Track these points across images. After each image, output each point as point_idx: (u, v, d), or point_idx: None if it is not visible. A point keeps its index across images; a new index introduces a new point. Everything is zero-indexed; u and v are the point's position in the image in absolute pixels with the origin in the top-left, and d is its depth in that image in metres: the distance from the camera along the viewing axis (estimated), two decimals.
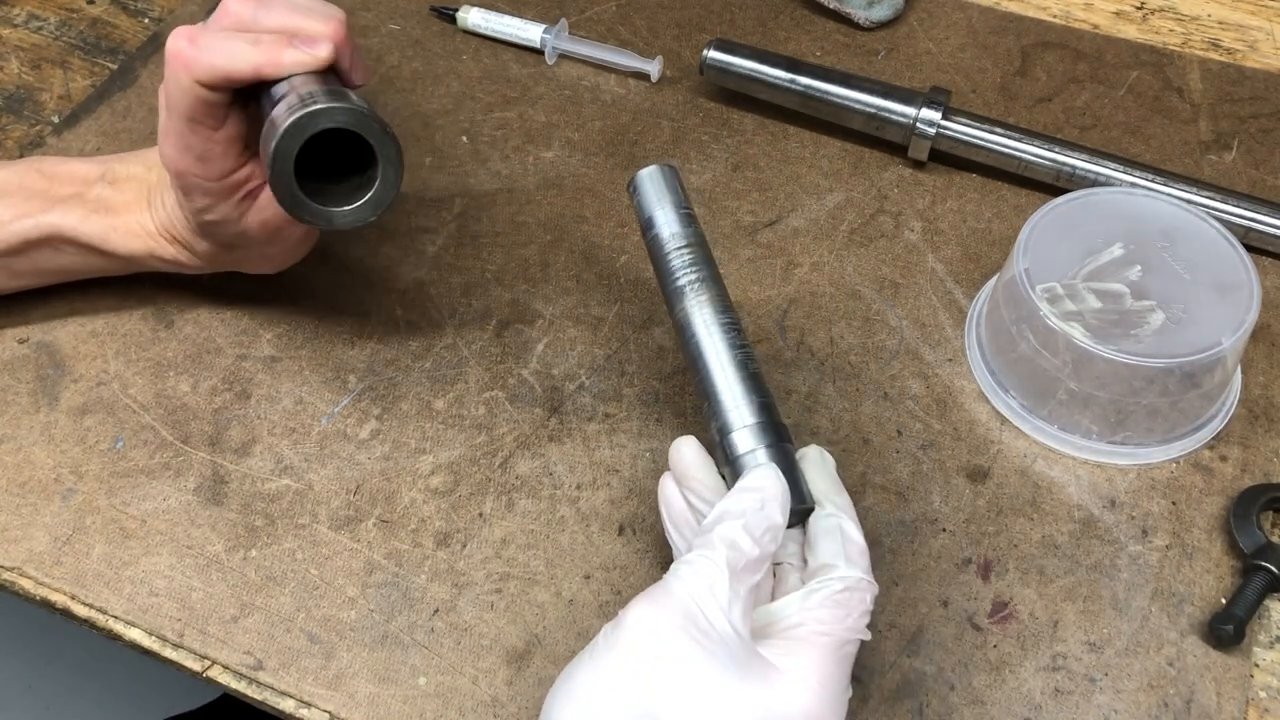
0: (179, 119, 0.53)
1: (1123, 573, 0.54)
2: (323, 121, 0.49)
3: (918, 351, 0.63)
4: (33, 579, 0.54)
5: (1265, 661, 0.52)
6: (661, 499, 0.50)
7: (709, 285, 0.52)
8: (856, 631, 0.45)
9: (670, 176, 0.54)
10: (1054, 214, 0.60)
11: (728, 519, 0.45)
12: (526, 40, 0.78)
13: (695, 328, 0.51)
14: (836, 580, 0.45)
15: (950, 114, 0.69)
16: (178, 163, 0.54)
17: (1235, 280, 0.57)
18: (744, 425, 0.49)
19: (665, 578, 0.44)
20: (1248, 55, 0.78)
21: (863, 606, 0.45)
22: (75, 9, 0.82)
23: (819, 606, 0.44)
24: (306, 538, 0.56)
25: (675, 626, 0.42)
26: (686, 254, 0.52)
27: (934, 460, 0.58)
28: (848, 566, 0.46)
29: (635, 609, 0.43)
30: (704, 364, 0.51)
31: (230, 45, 0.52)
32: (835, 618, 0.44)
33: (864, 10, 0.79)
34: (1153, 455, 0.58)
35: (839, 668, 0.44)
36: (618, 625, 0.43)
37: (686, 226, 0.53)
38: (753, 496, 0.46)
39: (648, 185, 0.54)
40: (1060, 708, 0.50)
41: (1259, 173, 0.71)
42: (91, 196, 0.59)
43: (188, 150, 0.53)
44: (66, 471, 0.58)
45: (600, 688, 0.41)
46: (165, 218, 0.58)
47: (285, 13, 0.54)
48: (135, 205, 0.59)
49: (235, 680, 0.52)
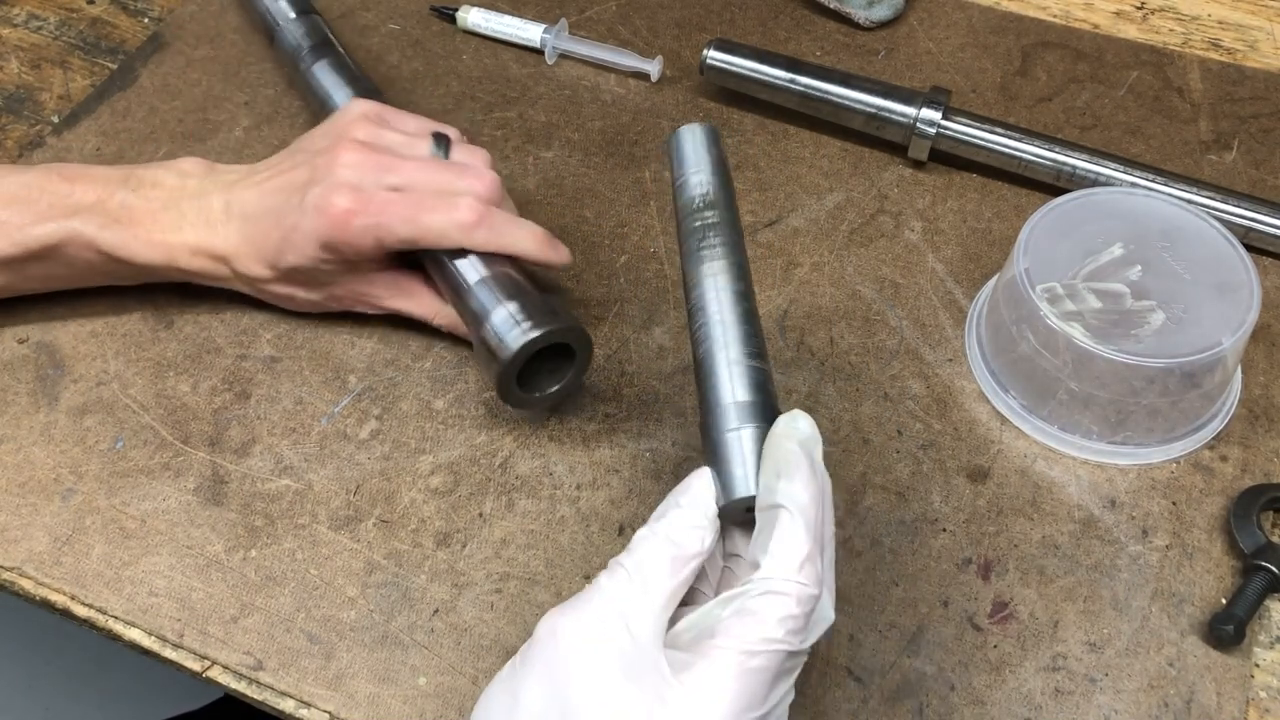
0: (336, 253, 0.57)
1: (1123, 573, 0.54)
2: (544, 342, 0.55)
3: (918, 351, 0.63)
4: (33, 579, 0.54)
5: (1265, 661, 0.52)
6: None
7: (728, 251, 0.49)
8: (774, 642, 0.39)
9: (710, 136, 0.52)
10: (1054, 214, 0.60)
11: (653, 523, 0.43)
12: (526, 40, 0.78)
13: (705, 291, 0.48)
14: (755, 583, 0.40)
15: (950, 114, 0.69)
16: (317, 262, 0.58)
17: (1235, 280, 0.57)
18: (733, 401, 0.46)
19: (586, 588, 0.42)
20: (1248, 55, 0.78)
21: (784, 613, 0.40)
22: (75, 9, 0.82)
23: (731, 616, 0.40)
24: (306, 538, 0.56)
25: (580, 636, 0.41)
26: (709, 215, 0.50)
27: (934, 460, 0.58)
28: (769, 565, 0.40)
29: (545, 620, 0.42)
30: (705, 332, 0.48)
31: (447, 221, 0.56)
32: (746, 626, 0.39)
33: (864, 10, 0.79)
34: (1153, 455, 0.58)
35: (745, 684, 0.39)
36: (531, 636, 0.42)
37: (716, 190, 0.50)
38: (676, 502, 0.44)
39: (686, 141, 0.51)
40: (1060, 708, 0.50)
41: (1259, 173, 0.71)
42: (114, 203, 0.59)
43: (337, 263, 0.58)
44: (66, 471, 0.58)
45: (510, 701, 0.41)
46: (220, 239, 0.59)
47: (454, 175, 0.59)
48: (161, 215, 0.59)
49: (235, 680, 0.52)
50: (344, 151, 0.57)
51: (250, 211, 0.58)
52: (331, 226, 0.55)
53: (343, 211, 0.55)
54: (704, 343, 0.47)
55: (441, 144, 0.60)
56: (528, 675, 0.41)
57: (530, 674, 0.41)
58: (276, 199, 0.58)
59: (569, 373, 0.57)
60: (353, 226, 0.55)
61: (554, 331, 0.55)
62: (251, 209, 0.58)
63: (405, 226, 0.56)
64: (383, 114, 0.61)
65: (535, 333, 0.54)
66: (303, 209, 0.56)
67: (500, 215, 0.57)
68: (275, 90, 0.76)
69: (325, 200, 0.56)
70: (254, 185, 0.59)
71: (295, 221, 0.57)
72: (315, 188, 0.56)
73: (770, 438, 0.45)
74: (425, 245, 0.57)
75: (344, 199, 0.55)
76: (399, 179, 0.57)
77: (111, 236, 0.58)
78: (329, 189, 0.56)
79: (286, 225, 0.57)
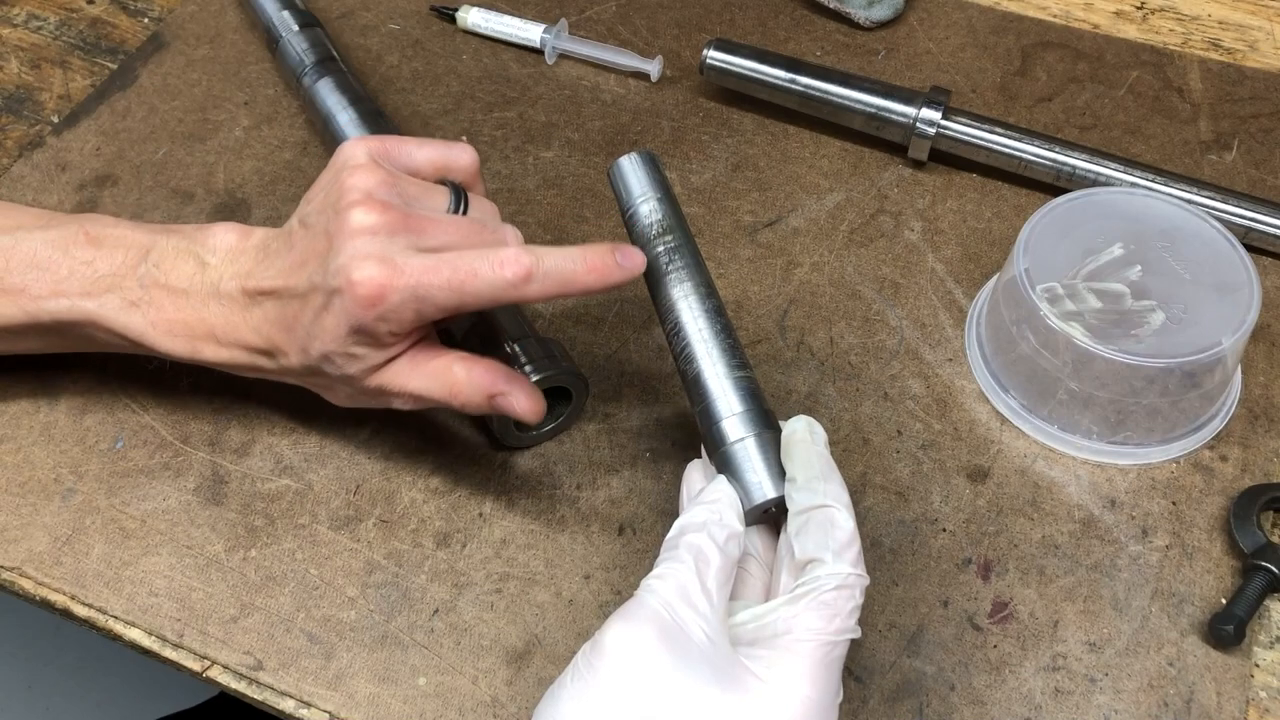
0: (368, 334, 0.49)
1: (1123, 573, 0.54)
2: (542, 386, 0.55)
3: (918, 351, 0.63)
4: (33, 579, 0.54)
5: (1265, 661, 0.52)
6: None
7: (693, 272, 0.51)
8: (846, 632, 0.43)
9: (649, 162, 0.53)
10: (1054, 214, 0.60)
11: (690, 531, 0.45)
12: (526, 40, 0.78)
13: (680, 314, 0.51)
14: (825, 578, 0.43)
15: (950, 114, 0.69)
16: (349, 345, 0.50)
17: (1235, 280, 0.57)
18: (731, 414, 0.49)
19: (638, 593, 0.43)
20: (1248, 55, 0.78)
21: (852, 604, 0.43)
22: (75, 9, 0.82)
23: (806, 610, 0.43)
24: (306, 538, 0.55)
25: (653, 642, 0.41)
26: (669, 239, 0.52)
27: (934, 460, 0.58)
28: (835, 561, 0.43)
29: (612, 628, 0.42)
30: (690, 352, 0.50)
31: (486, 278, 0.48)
32: (824, 619, 0.42)
33: (864, 10, 0.79)
34: (1153, 455, 0.58)
35: (828, 673, 0.42)
36: (597, 646, 0.42)
37: (668, 213, 0.52)
38: (709, 509, 0.46)
39: (628, 171, 0.53)
40: (1060, 708, 0.50)
41: (1259, 173, 0.71)
42: (134, 279, 0.53)
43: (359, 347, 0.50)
44: (66, 471, 0.58)
45: (584, 713, 0.41)
46: (248, 329, 0.52)
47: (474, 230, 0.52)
48: (182, 301, 0.53)
49: (235, 680, 0.52)
50: (359, 211, 0.49)
51: (268, 293, 0.52)
52: (362, 303, 0.47)
53: (374, 285, 0.47)
54: (692, 363, 0.50)
55: (459, 198, 0.53)
56: (600, 686, 0.41)
57: (604, 685, 0.41)
58: (297, 278, 0.50)
59: (564, 413, 0.58)
60: (389, 301, 0.47)
61: (550, 377, 0.56)
62: (268, 285, 0.51)
63: (449, 294, 0.48)
64: (388, 151, 0.53)
65: (534, 378, 0.55)
66: (326, 285, 0.49)
67: (548, 258, 0.49)
68: (275, 90, 0.76)
69: (350, 273, 0.47)
70: (272, 264, 0.52)
71: (322, 302, 0.49)
72: (336, 258, 0.48)
73: (792, 444, 0.48)
74: (470, 310, 0.50)
75: (372, 269, 0.47)
76: (431, 240, 0.50)
77: (131, 322, 0.53)
78: (352, 260, 0.48)
79: (314, 306, 0.49)
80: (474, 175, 0.55)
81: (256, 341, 0.52)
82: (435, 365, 0.51)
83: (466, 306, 0.49)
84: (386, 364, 0.51)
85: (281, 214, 0.69)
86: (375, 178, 0.50)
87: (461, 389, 0.51)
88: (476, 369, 0.51)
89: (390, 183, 0.51)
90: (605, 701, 0.41)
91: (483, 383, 0.51)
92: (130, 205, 0.69)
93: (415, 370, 0.51)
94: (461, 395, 0.51)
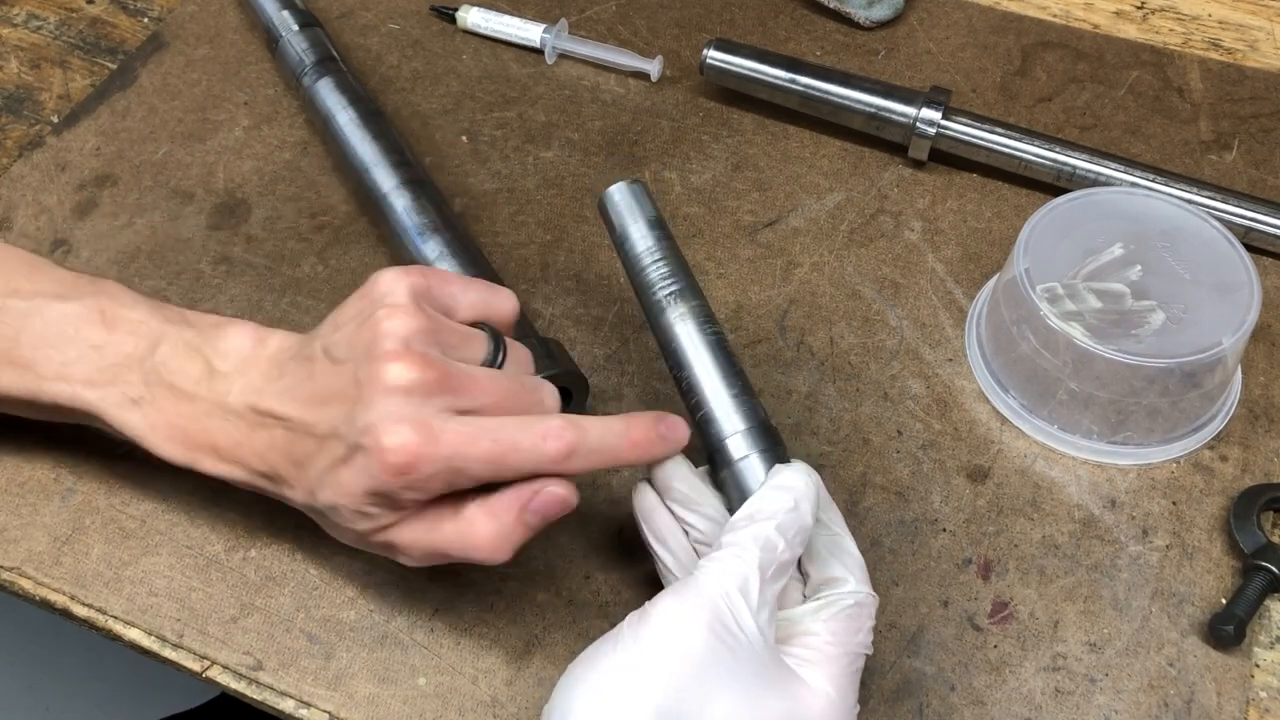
0: (388, 500, 0.45)
1: (1123, 573, 0.54)
2: None
3: (918, 351, 0.63)
4: (32, 579, 0.54)
5: (1265, 662, 0.52)
6: (640, 511, 0.49)
7: (689, 295, 0.52)
8: (865, 646, 0.45)
9: (639, 191, 0.54)
10: (1054, 214, 0.60)
11: (760, 518, 0.45)
12: (526, 40, 0.78)
13: (679, 338, 0.51)
14: (848, 595, 0.45)
15: (950, 114, 0.69)
16: (362, 504, 0.45)
17: (1235, 280, 0.57)
18: (736, 431, 0.49)
19: (695, 574, 0.44)
20: (1248, 55, 0.78)
21: (870, 623, 0.46)
22: (75, 9, 0.82)
23: (833, 619, 0.45)
24: (306, 538, 0.55)
25: (703, 625, 0.42)
26: (664, 266, 0.53)
27: (934, 460, 0.58)
28: (857, 583, 0.46)
29: (663, 602, 0.42)
30: (690, 373, 0.51)
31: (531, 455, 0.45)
32: (849, 630, 0.45)
33: (864, 10, 0.79)
34: (1153, 455, 0.58)
35: (851, 682, 0.44)
36: (644, 618, 0.42)
37: (661, 240, 0.53)
38: (786, 495, 0.45)
39: (618, 201, 0.54)
40: (1060, 708, 0.50)
41: (1259, 173, 0.71)
42: (140, 374, 0.50)
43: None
44: (66, 471, 0.58)
45: (623, 681, 0.41)
46: (249, 451, 0.49)
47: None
48: (190, 405, 0.49)
49: (235, 680, 0.52)
50: (397, 367, 0.44)
51: (280, 418, 0.48)
52: (390, 470, 0.43)
53: (407, 454, 0.43)
54: (694, 391, 0.51)
55: (498, 349, 0.49)
56: (641, 654, 0.41)
57: (645, 654, 0.41)
58: (315, 415, 0.46)
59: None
60: (420, 471, 0.43)
61: (550, 377, 0.55)
62: (281, 411, 0.47)
63: (485, 467, 0.44)
64: (430, 290, 0.48)
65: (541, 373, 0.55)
66: (350, 439, 0.45)
67: (592, 432, 0.45)
68: (275, 90, 0.76)
69: (381, 436, 0.43)
70: (287, 387, 0.48)
71: (342, 454, 0.45)
72: (366, 415, 0.44)
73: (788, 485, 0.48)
74: (505, 480, 0.46)
75: (406, 435, 0.43)
76: (469, 401, 0.45)
77: (129, 420, 0.50)
78: (384, 421, 0.43)
79: (331, 454, 0.46)
80: (512, 325, 0.51)
81: (260, 466, 0.49)
82: (455, 525, 0.46)
83: (502, 478, 0.45)
84: (399, 522, 0.46)
85: (281, 214, 0.69)
86: (414, 324, 0.45)
87: (484, 545, 0.45)
88: (499, 508, 0.45)
89: (430, 331, 0.46)
90: (644, 670, 0.41)
91: (508, 518, 0.45)
92: (130, 205, 0.69)
93: (432, 530, 0.46)
94: (484, 551, 0.45)
